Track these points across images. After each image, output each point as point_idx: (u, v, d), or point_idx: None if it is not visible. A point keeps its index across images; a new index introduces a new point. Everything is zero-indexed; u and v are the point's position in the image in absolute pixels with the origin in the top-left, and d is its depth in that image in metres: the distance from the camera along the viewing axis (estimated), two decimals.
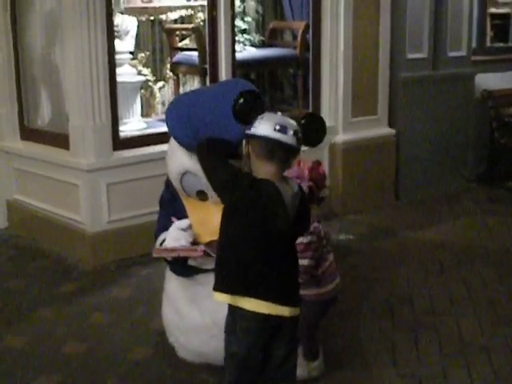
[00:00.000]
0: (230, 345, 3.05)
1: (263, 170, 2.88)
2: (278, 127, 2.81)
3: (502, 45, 9.64)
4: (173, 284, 3.87)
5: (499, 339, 4.48)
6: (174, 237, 3.52)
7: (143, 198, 5.59)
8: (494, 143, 8.19)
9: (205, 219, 3.52)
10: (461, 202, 7.56)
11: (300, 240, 3.39)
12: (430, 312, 4.88)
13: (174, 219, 3.61)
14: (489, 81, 8.32)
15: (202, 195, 3.59)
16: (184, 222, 3.56)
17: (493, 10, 9.78)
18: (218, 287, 3.00)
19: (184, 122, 3.48)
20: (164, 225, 3.71)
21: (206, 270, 3.57)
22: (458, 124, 7.84)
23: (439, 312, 4.88)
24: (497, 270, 5.62)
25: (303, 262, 3.48)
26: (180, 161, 3.58)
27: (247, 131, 2.89)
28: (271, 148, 2.83)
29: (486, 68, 8.41)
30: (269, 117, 2.87)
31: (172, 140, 3.65)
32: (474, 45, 8.33)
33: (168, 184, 3.78)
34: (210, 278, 3.53)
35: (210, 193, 3.44)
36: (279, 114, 2.92)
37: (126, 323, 4.69)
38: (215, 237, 3.09)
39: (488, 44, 9.45)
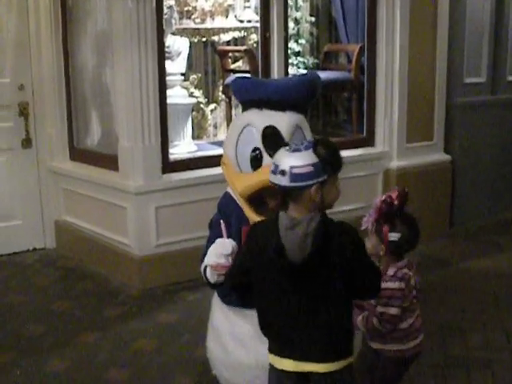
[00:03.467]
0: None
1: (291, 213, 2.68)
2: (273, 168, 2.65)
3: None
4: (218, 317, 3.74)
5: None
6: (217, 253, 3.38)
7: (192, 222, 5.51)
8: None
9: (256, 174, 3.36)
10: None
11: (386, 285, 3.14)
12: (483, 347, 4.68)
13: (222, 226, 3.46)
14: None
15: (256, 160, 3.39)
16: (228, 247, 3.40)
17: None
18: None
19: (246, 79, 3.65)
20: None
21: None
22: None
23: (494, 348, 4.67)
24: None
25: (389, 310, 3.22)
26: (238, 119, 3.60)
27: None
28: (281, 192, 2.69)
29: None
30: (276, 155, 2.70)
31: (235, 118, 3.74)
32: None
33: (220, 207, 3.66)
34: (253, 312, 3.43)
35: (265, 153, 3.34)
36: (287, 148, 2.68)
37: (170, 350, 4.60)
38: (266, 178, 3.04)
39: None
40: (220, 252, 3.26)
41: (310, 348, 2.73)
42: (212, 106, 7.35)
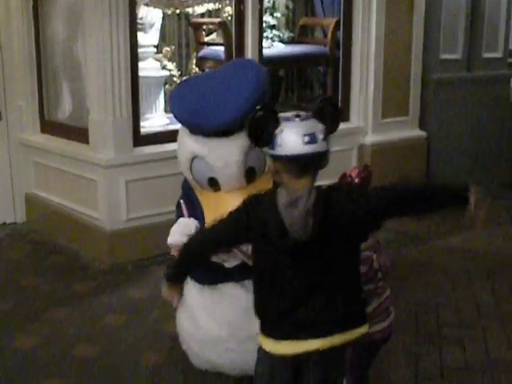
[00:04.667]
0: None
1: (297, 186, 2.53)
2: (306, 139, 2.47)
3: None
4: (191, 292, 3.69)
5: None
6: (181, 233, 3.33)
7: (163, 196, 5.44)
8: None
9: (220, 210, 3.31)
10: (493, 208, 7.28)
11: None
12: (455, 324, 4.67)
13: (183, 206, 3.42)
14: None
15: (214, 184, 3.37)
16: (191, 226, 3.36)
17: None
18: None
19: (183, 99, 3.37)
20: None
21: (227, 280, 3.43)
22: (492, 128, 7.62)
23: (466, 324, 4.67)
24: None
25: None
26: (187, 146, 3.37)
27: (271, 151, 2.55)
28: (304, 164, 2.52)
29: None
30: (290, 129, 2.49)
31: (180, 128, 3.50)
32: (510, 46, 8.09)
33: (183, 188, 3.60)
34: (230, 289, 3.40)
35: (222, 180, 3.30)
36: (296, 119, 2.54)
37: (139, 326, 4.56)
38: None
39: None
40: (183, 231, 3.24)
41: (320, 323, 2.64)
42: (185, 78, 7.23)
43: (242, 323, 3.03)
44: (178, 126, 5.94)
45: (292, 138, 2.48)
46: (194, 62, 7.37)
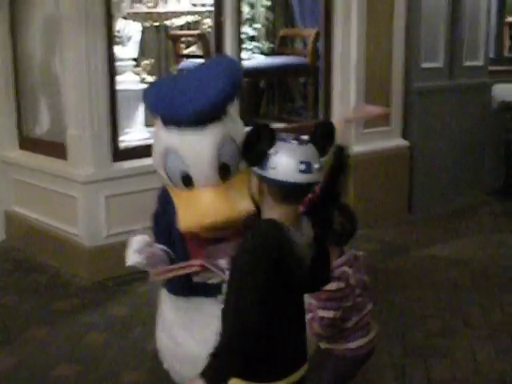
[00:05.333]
0: None
1: (276, 210, 2.36)
2: (302, 167, 2.30)
3: None
4: (168, 308, 3.62)
5: None
6: (135, 250, 3.28)
7: (143, 212, 5.25)
8: (510, 156, 7.90)
9: (194, 207, 3.21)
10: (477, 216, 7.29)
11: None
12: (442, 335, 4.63)
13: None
14: (506, 91, 8.06)
15: (187, 181, 3.24)
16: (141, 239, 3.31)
17: (510, 19, 9.52)
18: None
19: (158, 91, 3.29)
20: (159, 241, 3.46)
21: (205, 294, 3.35)
22: (475, 136, 7.60)
23: (452, 335, 4.63)
24: None
25: (328, 314, 3.05)
26: (161, 140, 3.26)
27: (261, 172, 2.34)
28: (293, 192, 2.35)
29: (503, 78, 8.14)
30: (287, 152, 2.31)
31: (155, 124, 3.42)
32: (491, 55, 8.10)
33: (159, 199, 3.53)
34: (207, 305, 3.31)
35: (194, 174, 3.18)
36: (294, 142, 2.35)
37: (121, 344, 4.47)
38: (205, 222, 3.04)
39: (506, 54, 9.21)
40: (136, 249, 3.26)
41: (300, 352, 2.53)
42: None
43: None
44: None
45: (287, 162, 2.31)
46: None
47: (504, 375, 4.11)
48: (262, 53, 7.73)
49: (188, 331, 3.44)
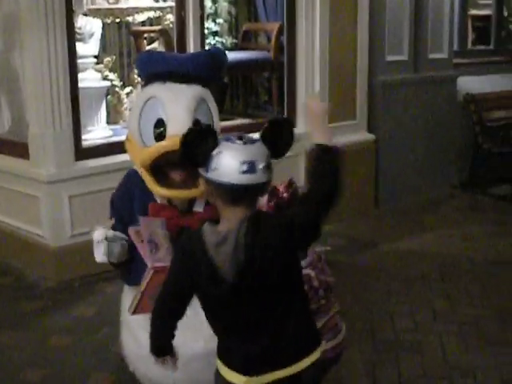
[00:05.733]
0: None
1: (230, 214, 2.32)
2: (244, 167, 2.24)
3: (483, 47, 9.42)
4: (127, 296, 3.54)
5: (486, 360, 4.22)
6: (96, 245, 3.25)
7: (108, 211, 5.26)
8: (477, 148, 7.94)
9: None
10: (443, 209, 7.30)
11: None
12: (412, 330, 4.60)
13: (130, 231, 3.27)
14: (471, 84, 8.09)
15: (160, 126, 3.20)
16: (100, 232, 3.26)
17: (474, 11, 9.55)
18: None
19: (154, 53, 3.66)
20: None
21: None
22: (440, 129, 7.60)
23: (422, 330, 4.61)
24: (482, 284, 5.35)
25: None
26: (143, 94, 3.32)
27: (204, 173, 2.30)
28: (238, 194, 2.28)
29: (467, 71, 8.16)
30: (229, 152, 2.25)
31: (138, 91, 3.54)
32: (455, 47, 8.10)
33: (122, 182, 3.46)
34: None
35: (169, 118, 3.15)
36: (238, 142, 2.28)
37: (87, 346, 4.38)
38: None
39: (469, 47, 9.25)
40: (98, 243, 3.21)
41: (279, 355, 2.44)
42: (128, 89, 7.05)
43: (185, 342, 2.85)
44: (120, 137, 5.89)
45: (228, 163, 2.24)
46: (137, 71, 7.21)
47: (474, 370, 4.09)
48: (226, 48, 7.64)
49: (145, 327, 3.37)
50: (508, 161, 7.63)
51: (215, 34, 7.68)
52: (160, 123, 3.19)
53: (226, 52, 6.73)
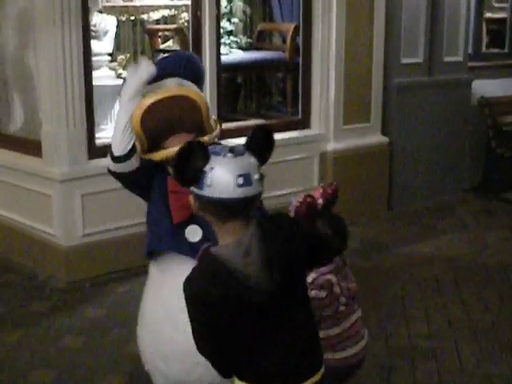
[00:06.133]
0: None
1: (229, 229, 2.25)
2: (240, 180, 2.17)
3: (497, 51, 9.33)
4: (152, 302, 3.47)
5: (502, 367, 4.17)
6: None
7: (120, 210, 5.25)
8: (490, 152, 7.87)
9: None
10: (457, 213, 7.23)
11: None
12: (427, 336, 4.55)
13: None
14: (486, 88, 8.01)
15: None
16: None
17: (488, 14, 9.47)
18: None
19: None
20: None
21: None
22: (454, 132, 7.54)
23: (437, 336, 4.56)
24: (497, 290, 5.30)
25: None
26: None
27: (198, 191, 2.21)
28: (236, 208, 2.22)
29: (482, 74, 8.09)
30: (222, 167, 2.18)
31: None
32: (469, 50, 8.03)
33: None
34: None
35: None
36: (228, 155, 2.21)
37: (99, 347, 4.34)
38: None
39: (484, 50, 9.17)
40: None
41: (300, 366, 2.39)
42: None
43: None
44: None
45: (223, 178, 2.17)
46: None
47: (490, 377, 4.05)
48: (240, 48, 7.60)
49: (175, 326, 3.31)
50: None
51: (230, 33, 7.62)
52: None
53: (241, 52, 6.77)
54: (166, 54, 3.67)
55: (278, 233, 2.31)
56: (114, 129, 3.14)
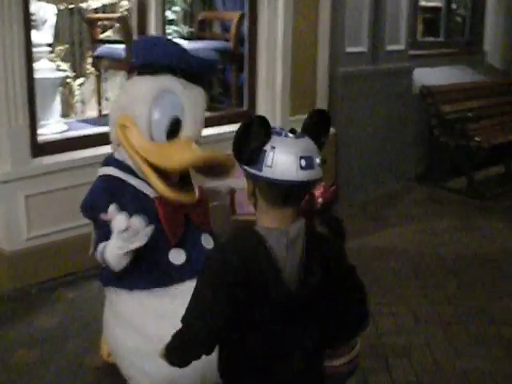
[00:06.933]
0: None
1: (276, 215, 2.09)
2: (303, 163, 2.02)
3: (433, 39, 9.32)
4: (127, 301, 3.24)
5: (476, 361, 4.08)
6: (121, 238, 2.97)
7: (67, 211, 4.93)
8: (433, 141, 7.82)
9: (174, 150, 3.16)
10: (404, 203, 7.17)
11: None
12: (396, 332, 4.42)
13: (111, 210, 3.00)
14: (424, 76, 7.96)
15: (174, 128, 3.18)
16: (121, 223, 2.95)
17: (423, 3, 9.44)
18: None
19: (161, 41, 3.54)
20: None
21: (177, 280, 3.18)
22: (398, 121, 7.46)
23: (406, 332, 4.43)
24: (456, 281, 5.24)
25: None
26: (153, 83, 3.20)
27: (255, 171, 2.05)
28: (293, 192, 2.08)
29: (419, 63, 8.02)
30: (285, 147, 2.02)
31: (130, 79, 3.54)
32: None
33: (107, 190, 3.23)
34: (180, 289, 3.10)
35: (187, 120, 3.17)
36: (290, 135, 2.07)
37: (55, 360, 3.99)
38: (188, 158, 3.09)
39: (419, 39, 9.14)
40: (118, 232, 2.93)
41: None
42: (80, 80, 6.68)
43: None
44: (78, 132, 5.54)
45: (286, 159, 2.01)
46: (90, 61, 6.82)
47: (466, 372, 3.95)
48: (182, 37, 7.34)
49: (162, 316, 3.10)
50: (464, 154, 7.53)
51: (171, 22, 7.36)
52: (176, 122, 3.17)
53: (185, 42, 6.52)
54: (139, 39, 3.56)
55: (323, 243, 2.12)
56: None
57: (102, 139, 4.72)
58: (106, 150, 4.85)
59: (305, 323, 2.18)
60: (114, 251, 2.98)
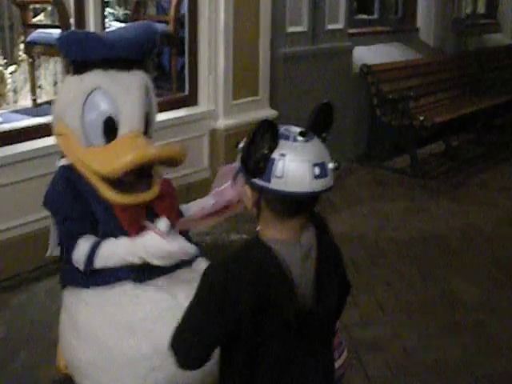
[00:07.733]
0: None
1: (283, 228, 1.88)
2: (317, 171, 1.81)
3: (367, 17, 9.19)
4: (85, 310, 2.99)
5: (447, 350, 4.00)
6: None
7: (9, 209, 4.62)
8: (374, 121, 7.71)
9: (115, 149, 2.89)
10: (347, 186, 7.00)
11: None
12: (363, 325, 4.28)
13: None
14: (366, 55, 7.84)
15: (110, 129, 2.93)
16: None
17: None
18: None
19: (78, 35, 3.13)
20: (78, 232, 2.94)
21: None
22: (339, 101, 7.27)
23: (373, 323, 4.31)
24: (416, 266, 5.15)
25: None
26: (84, 83, 2.96)
27: (263, 183, 1.82)
28: (304, 203, 1.88)
29: (357, 41, 7.88)
30: (295, 155, 1.80)
31: (64, 78, 3.32)
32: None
33: (62, 182, 3.01)
34: (149, 293, 2.91)
35: (122, 118, 2.90)
36: (299, 139, 1.83)
37: (5, 375, 3.66)
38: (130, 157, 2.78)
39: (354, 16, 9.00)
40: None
41: None
42: (12, 67, 6.31)
43: (166, 333, 2.32)
44: (11, 125, 5.19)
45: (298, 168, 1.79)
46: (22, 47, 6.44)
47: (438, 362, 3.88)
48: (117, 20, 7.02)
49: (124, 327, 2.87)
50: (406, 133, 7.44)
51: (107, 4, 7.02)
52: (110, 120, 2.93)
53: (119, 24, 6.19)
54: (61, 34, 3.24)
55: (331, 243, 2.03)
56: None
57: (39, 131, 4.44)
58: (43, 143, 4.59)
59: (319, 338, 2.00)
60: (120, 260, 2.89)
